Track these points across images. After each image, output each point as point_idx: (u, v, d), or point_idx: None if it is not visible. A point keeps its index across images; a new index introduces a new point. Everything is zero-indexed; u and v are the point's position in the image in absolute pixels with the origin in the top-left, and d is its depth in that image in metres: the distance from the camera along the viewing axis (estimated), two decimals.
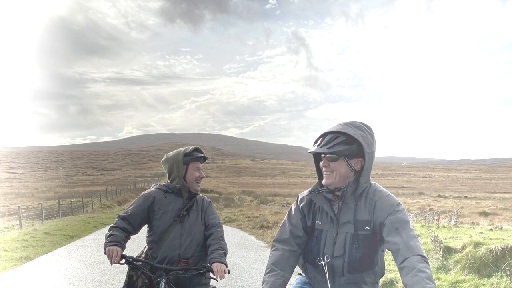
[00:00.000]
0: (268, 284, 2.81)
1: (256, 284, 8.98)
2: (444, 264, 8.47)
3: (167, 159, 4.13)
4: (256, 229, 19.80)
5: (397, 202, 2.90)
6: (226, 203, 36.48)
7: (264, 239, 16.37)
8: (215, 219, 4.19)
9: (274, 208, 33.99)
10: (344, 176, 2.90)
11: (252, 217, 24.45)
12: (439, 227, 12.54)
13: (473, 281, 7.41)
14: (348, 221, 2.91)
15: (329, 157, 2.87)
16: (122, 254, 3.71)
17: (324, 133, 2.93)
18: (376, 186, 3.00)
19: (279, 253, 2.99)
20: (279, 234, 3.12)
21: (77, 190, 56.71)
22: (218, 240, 4.02)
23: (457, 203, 47.61)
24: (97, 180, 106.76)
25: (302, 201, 3.13)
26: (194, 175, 4.08)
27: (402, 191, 70.64)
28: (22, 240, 15.39)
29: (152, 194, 4.12)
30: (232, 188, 71.76)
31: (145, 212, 4.07)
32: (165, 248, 3.98)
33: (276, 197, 50.82)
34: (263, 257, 12.18)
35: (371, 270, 2.96)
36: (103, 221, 24.05)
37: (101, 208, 34.11)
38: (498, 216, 32.32)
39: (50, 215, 26.34)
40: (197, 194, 4.20)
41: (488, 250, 7.97)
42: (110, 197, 43.42)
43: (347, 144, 2.84)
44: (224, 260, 3.84)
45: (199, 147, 4.22)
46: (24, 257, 12.55)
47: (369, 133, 2.90)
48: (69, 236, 17.75)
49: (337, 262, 2.91)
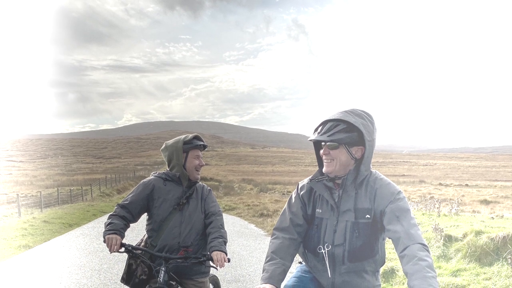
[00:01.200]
0: (268, 272, 2.80)
1: (256, 273, 8.98)
2: (445, 253, 8.47)
3: (167, 147, 4.11)
4: (256, 217, 19.79)
5: (398, 190, 2.88)
6: (226, 191, 36.46)
7: (264, 227, 16.37)
8: (215, 208, 4.18)
9: (274, 196, 33.98)
10: (345, 164, 2.88)
11: (252, 205, 24.39)
12: (440, 215, 12.55)
13: (474, 269, 7.40)
14: (349, 209, 2.90)
15: (329, 145, 2.85)
16: (121, 242, 3.70)
17: (324, 120, 2.91)
18: (376, 174, 2.99)
19: (279, 242, 2.98)
20: (279, 222, 3.11)
21: (76, 178, 56.68)
22: (218, 228, 4.01)
23: (458, 191, 47.66)
24: (96, 168, 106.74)
25: (302, 189, 3.12)
26: (193, 163, 4.07)
27: (402, 179, 70.72)
28: (21, 228, 15.40)
29: (151, 182, 4.11)
30: (232, 176, 71.81)
31: (145, 200, 4.06)
32: (164, 237, 3.97)
33: (276, 185, 50.84)
34: (263, 246, 12.19)
35: (372, 259, 2.95)
36: (102, 210, 24.05)
37: (100, 196, 34.11)
38: (499, 204, 32.33)
39: (49, 203, 26.32)
40: (197, 182, 4.19)
41: (489, 238, 7.96)
42: (110, 185, 43.44)
43: (347, 132, 2.82)
44: (224, 249, 3.83)
45: (198, 135, 4.19)
46: (23, 246, 12.56)
47: (370, 120, 2.88)
48: (68, 224, 17.75)
49: (337, 250, 2.90)
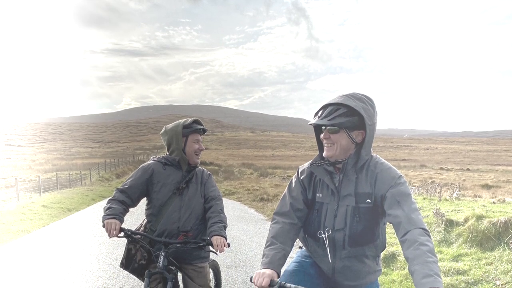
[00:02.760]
0: (268, 257, 2.79)
1: (256, 258, 9.00)
2: (446, 237, 8.46)
3: (166, 131, 4.08)
4: (256, 202, 19.79)
5: (399, 174, 2.87)
6: (225, 176, 36.47)
7: (264, 212, 16.38)
8: (214, 192, 4.17)
9: (274, 180, 33.99)
10: (345, 149, 2.86)
11: (252, 189, 24.41)
12: (441, 200, 12.52)
13: (476, 254, 7.39)
14: (349, 194, 2.89)
15: (330, 129, 2.82)
16: (120, 227, 3.68)
17: (325, 105, 2.89)
18: (377, 159, 2.97)
19: (279, 226, 2.97)
20: (279, 207, 3.10)
21: (75, 162, 56.69)
22: (218, 213, 4.00)
23: (459, 176, 47.71)
24: (95, 152, 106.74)
25: (302, 174, 3.11)
26: (193, 147, 4.05)
27: (403, 164, 70.79)
28: (20, 213, 15.41)
29: (151, 167, 4.09)
30: (231, 160, 71.87)
31: (144, 184, 4.04)
32: (164, 221, 3.96)
33: (276, 170, 50.87)
34: (263, 230, 12.20)
35: (373, 243, 2.94)
36: (102, 194, 24.07)
37: (99, 181, 34.13)
38: (501, 189, 32.32)
39: (47, 187, 26.30)
40: (197, 167, 4.17)
41: (490, 223, 7.93)
42: (109, 169, 43.45)
43: (348, 116, 2.80)
44: (224, 233, 3.83)
45: (198, 119, 4.17)
46: (22, 230, 12.58)
47: (370, 104, 2.86)
48: (67, 209, 17.77)
49: (338, 235, 2.90)
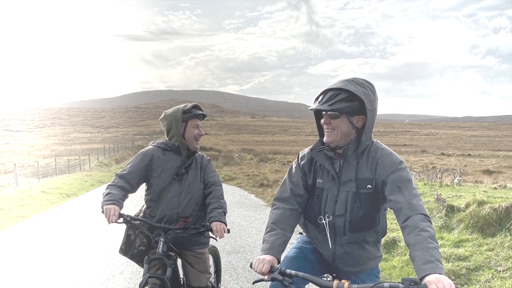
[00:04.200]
0: (268, 243, 2.78)
1: (256, 243, 9.01)
2: (447, 223, 8.46)
3: (166, 116, 4.06)
4: (256, 187, 19.81)
5: (400, 160, 2.86)
6: (225, 161, 36.48)
7: (264, 197, 16.41)
8: (214, 177, 4.16)
9: (275, 166, 34.02)
10: (346, 134, 2.85)
11: (252, 175, 24.40)
12: (442, 186, 12.53)
13: (477, 240, 7.37)
14: (350, 179, 2.88)
15: (330, 114, 2.80)
16: (120, 213, 3.65)
17: (325, 90, 2.87)
18: (378, 144, 2.96)
19: (279, 212, 2.96)
20: (279, 192, 3.09)
21: (74, 148, 56.74)
22: (218, 198, 3.99)
23: (461, 161, 47.78)
24: (95, 137, 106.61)
25: (303, 159, 3.09)
26: (193, 132, 4.02)
27: (404, 149, 70.91)
28: (18, 198, 15.42)
29: (150, 152, 4.07)
30: (231, 145, 71.90)
31: (143, 170, 4.02)
32: (163, 207, 3.95)
33: (276, 155, 50.93)
34: (263, 216, 12.22)
35: (373, 229, 2.94)
36: (101, 180, 24.12)
37: (98, 166, 34.17)
38: (502, 175, 32.35)
39: (46, 173, 26.38)
40: (196, 152, 4.16)
41: (492, 209, 7.90)
42: (108, 155, 43.54)
43: (348, 101, 2.78)
44: (224, 219, 3.82)
45: (198, 104, 4.15)
46: (20, 216, 12.60)
47: (371, 90, 2.84)
48: (66, 194, 17.80)
49: (338, 221, 2.89)
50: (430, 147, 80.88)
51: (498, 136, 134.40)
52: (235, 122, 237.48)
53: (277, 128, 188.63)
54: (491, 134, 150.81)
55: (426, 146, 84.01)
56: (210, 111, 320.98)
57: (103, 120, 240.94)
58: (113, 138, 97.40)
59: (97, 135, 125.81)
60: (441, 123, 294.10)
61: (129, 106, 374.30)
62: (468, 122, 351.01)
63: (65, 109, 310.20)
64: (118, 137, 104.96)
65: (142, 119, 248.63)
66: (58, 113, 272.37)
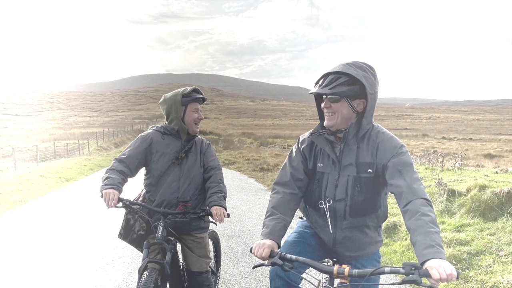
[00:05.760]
0: (269, 228, 2.77)
1: (256, 228, 9.02)
2: (448, 208, 8.44)
3: (165, 100, 4.03)
4: (256, 171, 19.77)
5: (400, 144, 2.84)
6: (225, 145, 36.42)
7: (264, 182, 16.38)
8: (214, 162, 4.14)
9: (275, 150, 34.00)
10: (346, 118, 2.83)
11: (252, 159, 24.34)
12: (443, 170, 12.51)
13: (478, 225, 7.36)
14: (350, 163, 2.87)
15: (330, 98, 2.78)
16: (119, 197, 3.64)
17: (325, 73, 2.84)
18: (378, 128, 2.94)
19: (279, 196, 2.95)
20: (279, 177, 3.08)
21: (73, 132, 56.58)
22: (217, 183, 3.98)
23: (462, 145, 47.78)
24: (94, 121, 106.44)
25: (303, 143, 3.08)
26: (192, 116, 4.00)
27: (405, 133, 70.88)
28: (17, 183, 15.38)
29: (149, 136, 4.05)
30: (231, 129, 71.91)
31: (143, 154, 4.00)
32: (163, 191, 3.93)
33: (276, 139, 50.95)
34: (263, 200, 12.23)
35: (374, 214, 2.93)
36: (100, 164, 24.08)
37: (97, 150, 34.09)
38: (504, 159, 32.34)
39: (45, 157, 26.23)
40: (196, 136, 4.14)
41: (493, 193, 7.86)
42: (107, 139, 43.41)
43: (349, 84, 2.76)
44: (224, 204, 3.81)
45: (197, 88, 4.13)
46: (19, 200, 12.58)
47: (372, 73, 2.81)
48: (64, 179, 17.76)
49: (339, 205, 2.87)
50: (431, 131, 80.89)
51: (499, 120, 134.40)
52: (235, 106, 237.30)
53: (277, 112, 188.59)
54: (492, 118, 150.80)
55: (427, 130, 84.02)
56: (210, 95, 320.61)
57: (102, 104, 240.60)
58: (112, 122, 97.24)
59: (96, 119, 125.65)
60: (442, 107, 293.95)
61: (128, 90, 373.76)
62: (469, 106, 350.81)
63: (64, 93, 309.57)
64: (117, 121, 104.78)
65: (142, 103, 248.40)
66: (57, 97, 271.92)
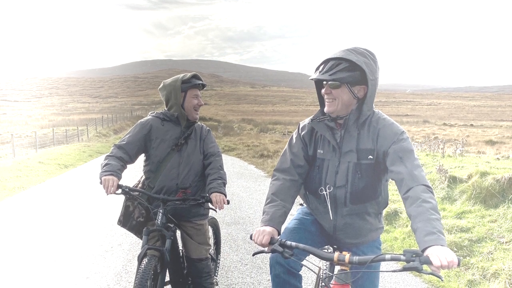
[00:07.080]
0: (269, 214, 2.76)
1: (256, 215, 9.02)
2: (450, 194, 8.44)
3: (165, 86, 4.01)
4: (256, 158, 19.74)
5: (401, 130, 2.83)
6: (225, 132, 36.39)
7: (264, 168, 16.37)
8: (214, 148, 4.13)
9: (275, 136, 33.94)
10: (347, 104, 2.81)
11: (252, 146, 24.30)
12: (444, 156, 12.51)
13: (479, 211, 7.36)
14: (351, 150, 2.85)
15: (331, 84, 2.76)
16: (118, 184, 3.63)
17: (326, 59, 2.82)
18: (379, 114, 2.92)
19: (279, 183, 2.94)
20: (279, 163, 3.07)
21: (72, 118, 56.49)
22: (217, 169, 3.97)
23: (463, 132, 47.76)
24: (93, 107, 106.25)
25: (303, 130, 3.06)
26: (192, 102, 3.99)
27: (406, 119, 70.81)
28: (16, 169, 15.35)
29: (149, 122, 4.03)
30: (231, 116, 71.80)
31: (142, 140, 3.99)
32: (162, 178, 3.93)
33: (276, 126, 50.87)
34: (263, 187, 12.23)
35: (375, 201, 2.92)
36: (99, 150, 24.06)
37: (96, 137, 34.05)
38: (505, 145, 32.30)
39: (44, 143, 26.23)
40: (196, 122, 4.13)
41: (494, 179, 7.86)
42: (106, 125, 43.37)
43: (349, 70, 2.73)
44: (223, 190, 3.80)
45: (197, 74, 4.11)
46: (18, 187, 12.57)
47: (372, 59, 2.79)
48: (63, 165, 17.76)
49: (339, 192, 2.86)
50: (432, 117, 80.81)
51: (501, 106, 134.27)
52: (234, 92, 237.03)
53: (277, 98, 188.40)
54: (493, 104, 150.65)
55: (428, 116, 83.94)
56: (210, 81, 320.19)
57: (101, 90, 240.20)
58: (111, 108, 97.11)
59: (95, 105, 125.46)
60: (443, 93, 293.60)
61: (127, 76, 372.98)
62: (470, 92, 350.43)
63: (63, 79, 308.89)
64: (116, 107, 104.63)
65: (141, 89, 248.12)
66: (56, 83, 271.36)
